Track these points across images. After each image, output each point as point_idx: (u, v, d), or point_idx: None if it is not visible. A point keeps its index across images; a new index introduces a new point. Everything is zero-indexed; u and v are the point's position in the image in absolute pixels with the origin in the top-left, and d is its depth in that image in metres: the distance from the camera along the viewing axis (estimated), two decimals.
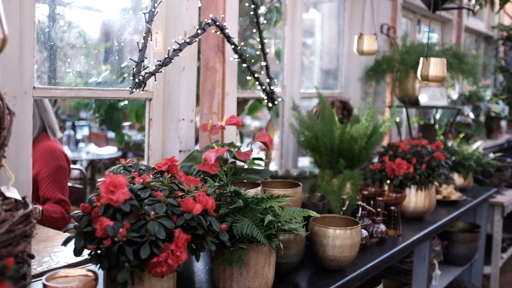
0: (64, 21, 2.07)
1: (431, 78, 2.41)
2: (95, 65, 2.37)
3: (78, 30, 2.18)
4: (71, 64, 2.13)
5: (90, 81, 2.38)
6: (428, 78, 2.41)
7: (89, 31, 2.22)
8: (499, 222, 3.82)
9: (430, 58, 2.39)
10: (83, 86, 2.12)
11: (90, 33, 2.25)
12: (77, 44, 2.20)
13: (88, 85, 2.21)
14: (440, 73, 2.39)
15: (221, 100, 2.35)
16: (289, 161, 2.99)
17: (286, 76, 2.94)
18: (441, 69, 2.39)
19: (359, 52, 2.97)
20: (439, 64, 2.39)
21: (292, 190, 1.96)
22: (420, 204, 2.58)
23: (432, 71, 2.39)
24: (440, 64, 2.39)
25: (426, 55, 2.41)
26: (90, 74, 2.32)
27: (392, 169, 2.50)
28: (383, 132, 2.63)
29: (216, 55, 2.32)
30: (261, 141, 2.07)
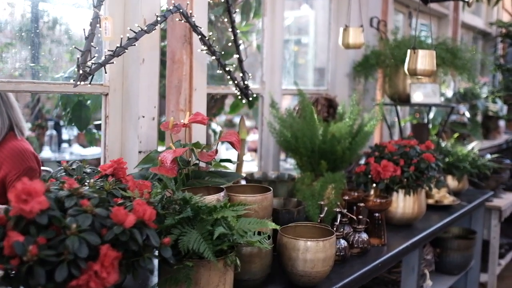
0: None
1: (419, 72, 2.20)
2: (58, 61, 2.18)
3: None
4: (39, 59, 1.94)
5: (57, 76, 2.18)
6: (416, 72, 2.20)
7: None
8: (496, 227, 3.61)
9: (418, 51, 2.18)
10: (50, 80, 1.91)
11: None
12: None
13: (54, 80, 2.00)
14: (429, 66, 2.18)
15: (189, 96, 2.14)
16: (269, 163, 2.78)
17: (266, 71, 2.73)
18: (430, 62, 2.18)
19: (344, 46, 2.76)
20: (427, 56, 2.18)
21: (261, 196, 1.75)
22: (408, 210, 2.37)
23: (420, 64, 2.18)
24: (429, 56, 2.18)
25: (413, 47, 2.20)
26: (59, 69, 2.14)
27: (377, 171, 2.29)
28: (368, 131, 2.42)
29: (182, 47, 2.12)
30: (227, 141, 1.86)
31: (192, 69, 2.13)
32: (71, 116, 2.84)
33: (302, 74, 4.14)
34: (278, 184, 2.23)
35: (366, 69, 3.09)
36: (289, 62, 4.32)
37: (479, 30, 5.77)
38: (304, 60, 4.08)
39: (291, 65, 3.96)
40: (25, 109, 5.53)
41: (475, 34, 5.77)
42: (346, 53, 3.23)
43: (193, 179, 1.81)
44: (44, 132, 5.40)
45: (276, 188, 2.23)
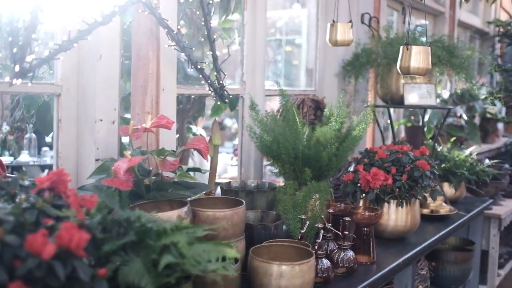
0: None
1: (413, 70, 1.98)
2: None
3: None
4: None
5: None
6: (409, 71, 1.99)
7: None
8: (495, 237, 3.40)
9: (411, 47, 1.97)
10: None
11: None
12: None
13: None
14: (423, 64, 1.97)
15: (156, 96, 1.92)
16: (251, 170, 2.56)
17: (246, 71, 2.51)
18: (424, 59, 1.97)
19: (332, 43, 2.54)
20: (422, 53, 1.97)
21: (231, 211, 1.53)
22: (401, 223, 2.16)
23: (414, 62, 1.97)
24: (423, 53, 1.97)
25: (406, 43, 1.99)
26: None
27: (366, 180, 2.07)
28: (357, 136, 2.20)
29: (148, 42, 1.90)
30: (194, 148, 1.64)
31: (160, 67, 1.92)
32: (35, 120, 2.62)
33: (295, 76, 3.93)
34: (256, 195, 2.00)
35: (356, 68, 2.88)
36: (281, 63, 4.11)
37: (476, 29, 5.57)
38: (298, 61, 3.88)
39: (283, 66, 3.75)
40: (5, 111, 5.31)
41: (472, 33, 5.57)
42: (335, 52, 3.02)
43: (155, 191, 1.59)
44: (24, 135, 5.17)
45: (254, 199, 2.01)
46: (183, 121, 2.67)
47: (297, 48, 4.09)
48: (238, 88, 2.50)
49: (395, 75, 2.80)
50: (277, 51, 4.31)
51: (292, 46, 4.37)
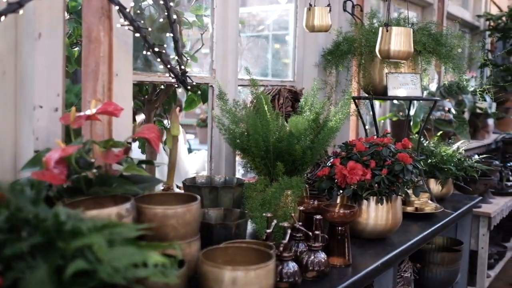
0: None
1: (393, 54, 1.81)
2: None
3: None
4: None
5: None
6: (389, 54, 1.82)
7: None
8: (485, 236, 3.24)
9: (391, 28, 1.79)
10: None
11: None
12: None
13: None
14: (404, 47, 1.80)
15: (108, 82, 1.73)
16: (222, 164, 2.37)
17: (216, 58, 2.33)
18: (405, 42, 1.79)
19: (309, 28, 2.36)
20: (403, 35, 1.79)
21: (183, 208, 1.34)
22: (381, 221, 1.98)
23: (394, 44, 1.80)
24: (404, 35, 1.79)
25: (386, 24, 1.81)
26: None
27: (343, 175, 1.90)
28: (333, 127, 2.03)
29: (99, 22, 1.71)
30: (142, 137, 1.46)
31: (112, 50, 1.73)
32: None
33: (281, 68, 3.75)
34: (221, 191, 1.82)
35: (337, 57, 2.70)
36: (268, 55, 3.92)
37: (466, 23, 5.41)
38: (287, 58, 3.70)
39: (269, 61, 3.57)
40: None
41: (462, 27, 5.41)
42: (315, 40, 2.84)
43: (97, 186, 1.40)
44: None
45: (219, 196, 1.83)
46: (150, 113, 2.48)
47: (286, 45, 3.92)
48: (207, 77, 2.31)
49: (378, 64, 2.62)
50: (263, 46, 4.13)
51: (282, 43, 4.20)
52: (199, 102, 2.90)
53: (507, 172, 3.85)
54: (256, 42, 4.08)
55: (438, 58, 2.66)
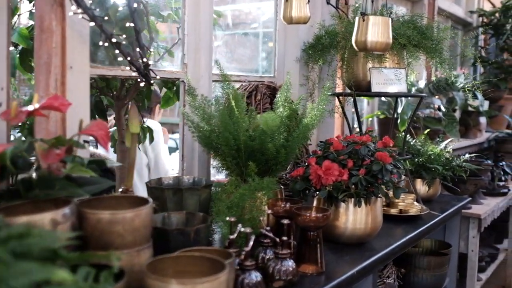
0: None
1: (371, 45, 1.68)
2: None
3: None
4: None
5: None
6: (366, 46, 1.69)
7: None
8: (475, 239, 3.11)
9: (368, 17, 1.66)
10: None
11: None
12: None
13: None
14: (382, 37, 1.67)
15: (61, 75, 1.60)
16: (194, 164, 2.24)
17: (188, 51, 2.20)
18: (383, 32, 1.67)
19: (286, 20, 2.23)
20: (381, 25, 1.67)
21: (132, 212, 1.21)
22: (360, 225, 1.85)
23: (372, 35, 1.67)
24: (382, 25, 1.67)
25: (362, 13, 1.68)
26: None
27: (318, 176, 1.77)
28: (308, 124, 1.90)
29: (51, 10, 1.58)
30: (89, 134, 1.33)
31: (65, 40, 1.59)
32: None
33: (262, 65, 3.63)
34: (186, 193, 1.69)
35: (318, 51, 2.57)
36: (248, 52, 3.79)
37: (458, 19, 5.29)
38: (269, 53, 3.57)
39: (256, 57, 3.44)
40: None
41: (454, 23, 5.29)
42: (296, 34, 2.71)
43: (38, 189, 1.27)
44: None
45: (183, 199, 1.70)
46: (120, 110, 2.34)
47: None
48: (178, 71, 2.18)
49: (361, 59, 2.49)
50: (249, 42, 4.01)
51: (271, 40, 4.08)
52: (175, 99, 2.76)
53: (499, 171, 3.73)
54: (244, 39, 3.96)
55: (425, 52, 2.54)
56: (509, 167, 3.89)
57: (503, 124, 5.10)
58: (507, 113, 5.21)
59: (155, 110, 3.60)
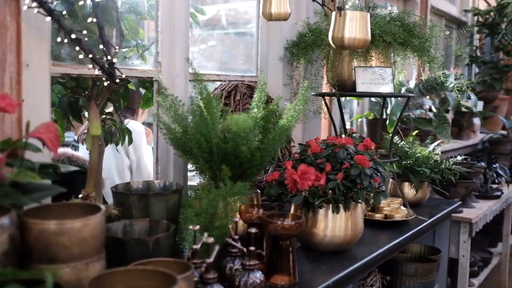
0: None
1: (348, 42, 1.59)
2: None
3: None
4: None
5: None
6: (343, 43, 1.59)
7: None
8: (466, 244, 3.01)
9: (345, 12, 1.57)
10: None
11: None
12: None
13: None
14: (360, 34, 1.58)
15: (16, 74, 1.50)
16: (169, 168, 2.14)
17: (162, 49, 2.10)
18: (362, 28, 1.57)
19: (266, 17, 2.14)
20: (358, 20, 1.57)
21: (80, 222, 1.11)
22: (339, 232, 1.76)
23: (349, 31, 1.57)
24: (360, 20, 1.57)
25: (339, 8, 1.58)
26: None
27: (293, 180, 1.67)
28: (284, 125, 1.80)
29: (5, 4, 1.47)
30: (37, 137, 1.23)
31: (21, 36, 1.50)
32: None
33: (243, 64, 3.53)
34: (152, 199, 1.59)
35: (302, 50, 2.47)
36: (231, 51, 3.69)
37: (452, 18, 5.19)
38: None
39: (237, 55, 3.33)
40: None
41: (448, 22, 5.19)
42: (279, 31, 2.62)
43: None
44: None
45: (149, 205, 1.60)
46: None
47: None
48: (151, 70, 2.08)
49: (346, 57, 2.39)
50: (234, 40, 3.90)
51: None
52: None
53: (492, 174, 3.63)
54: (232, 37, 3.86)
55: (413, 51, 2.44)
56: (502, 169, 3.79)
57: (498, 125, 5.00)
58: (502, 113, 5.12)
59: (138, 111, 3.50)
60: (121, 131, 2.63)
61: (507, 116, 5.33)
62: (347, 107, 3.94)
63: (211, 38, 2.89)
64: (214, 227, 1.54)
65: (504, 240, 4.27)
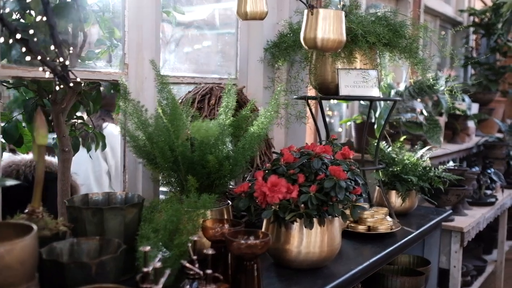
0: None
1: (321, 42, 1.45)
2: None
3: None
4: None
5: None
6: (316, 43, 1.46)
7: None
8: (457, 254, 2.88)
9: (317, 10, 1.43)
10: None
11: None
12: None
13: None
14: (334, 34, 1.44)
15: None
16: (138, 177, 2.01)
17: (129, 50, 1.96)
18: (336, 27, 1.44)
19: (241, 16, 2.00)
20: (332, 19, 1.44)
21: (3, 247, 0.98)
22: (314, 248, 1.62)
23: (322, 31, 1.44)
24: (334, 19, 1.44)
25: (310, 5, 1.45)
26: None
27: (263, 193, 1.53)
28: (255, 133, 1.66)
29: None
30: None
31: None
32: None
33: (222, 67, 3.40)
34: (107, 214, 1.46)
35: (282, 51, 2.34)
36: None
37: (447, 18, 5.06)
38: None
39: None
40: None
41: (443, 22, 5.06)
42: (260, 31, 2.49)
43: None
44: None
45: (104, 220, 1.46)
46: (57, 115, 2.11)
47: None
48: (117, 73, 1.95)
49: (329, 59, 2.26)
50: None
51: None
52: None
53: (485, 180, 3.49)
54: (211, 38, 3.73)
55: (400, 52, 2.31)
56: (496, 175, 3.66)
57: (494, 128, 4.87)
58: (498, 116, 4.98)
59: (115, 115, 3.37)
60: (95, 136, 2.50)
61: (504, 119, 5.19)
62: (336, 110, 3.81)
63: (190, 39, 2.75)
64: (174, 246, 1.41)
65: (499, 247, 4.14)
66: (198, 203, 1.49)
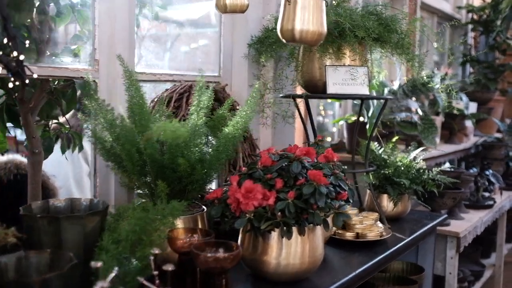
0: None
1: (299, 35, 1.33)
2: None
3: None
4: None
5: None
6: (293, 36, 1.33)
7: None
8: (453, 260, 2.75)
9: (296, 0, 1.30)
10: None
11: None
12: None
13: None
14: (314, 26, 1.31)
15: None
16: (110, 181, 1.88)
17: (100, 45, 1.83)
18: (315, 18, 1.31)
19: (220, 9, 1.87)
20: (311, 8, 1.31)
21: None
22: (294, 260, 1.49)
23: (301, 22, 1.31)
24: (314, 9, 1.31)
25: None
26: None
27: (236, 199, 1.40)
28: (229, 134, 1.53)
29: None
30: None
31: None
32: None
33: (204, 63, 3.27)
34: (64, 223, 1.33)
35: (267, 47, 2.21)
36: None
37: (445, 15, 4.92)
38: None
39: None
40: None
41: (440, 19, 4.92)
42: (245, 26, 2.36)
43: None
44: None
45: (62, 230, 1.33)
46: (25, 114, 1.98)
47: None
48: (86, 69, 1.82)
49: (317, 55, 2.12)
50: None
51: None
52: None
53: (483, 181, 3.36)
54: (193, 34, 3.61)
55: (392, 48, 2.18)
56: (494, 177, 3.53)
57: (493, 127, 4.73)
58: (497, 115, 4.85)
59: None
60: (72, 136, 2.37)
61: (503, 118, 5.06)
62: (329, 109, 3.68)
63: (170, 35, 2.62)
64: (137, 258, 1.28)
65: (498, 250, 4.01)
66: (165, 210, 1.36)
